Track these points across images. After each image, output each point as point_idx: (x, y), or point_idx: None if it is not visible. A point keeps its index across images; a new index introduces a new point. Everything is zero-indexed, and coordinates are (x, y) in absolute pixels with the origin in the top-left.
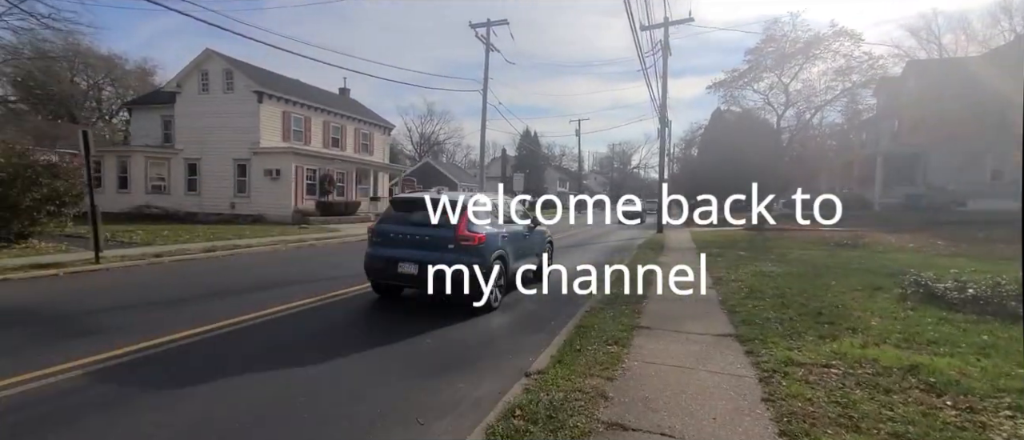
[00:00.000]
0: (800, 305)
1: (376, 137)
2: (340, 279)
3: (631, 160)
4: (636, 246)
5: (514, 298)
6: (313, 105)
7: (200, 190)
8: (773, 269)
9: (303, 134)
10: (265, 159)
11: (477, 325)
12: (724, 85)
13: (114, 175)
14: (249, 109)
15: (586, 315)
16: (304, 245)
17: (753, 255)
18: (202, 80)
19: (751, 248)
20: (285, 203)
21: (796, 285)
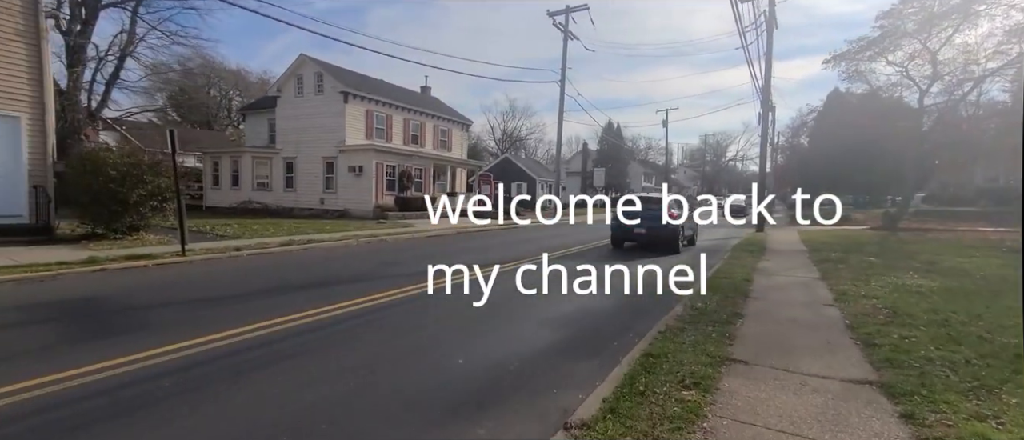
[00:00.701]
0: (979, 339)
1: (454, 133)
2: (391, 278)
3: (726, 152)
4: (730, 248)
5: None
6: (394, 103)
7: (296, 187)
8: (922, 283)
9: (384, 131)
10: (349, 156)
11: (559, 327)
12: (846, 58)
13: (228, 174)
14: (336, 109)
15: (660, 336)
16: (374, 240)
17: (887, 262)
18: (297, 84)
19: (883, 253)
20: (366, 199)
21: (965, 307)
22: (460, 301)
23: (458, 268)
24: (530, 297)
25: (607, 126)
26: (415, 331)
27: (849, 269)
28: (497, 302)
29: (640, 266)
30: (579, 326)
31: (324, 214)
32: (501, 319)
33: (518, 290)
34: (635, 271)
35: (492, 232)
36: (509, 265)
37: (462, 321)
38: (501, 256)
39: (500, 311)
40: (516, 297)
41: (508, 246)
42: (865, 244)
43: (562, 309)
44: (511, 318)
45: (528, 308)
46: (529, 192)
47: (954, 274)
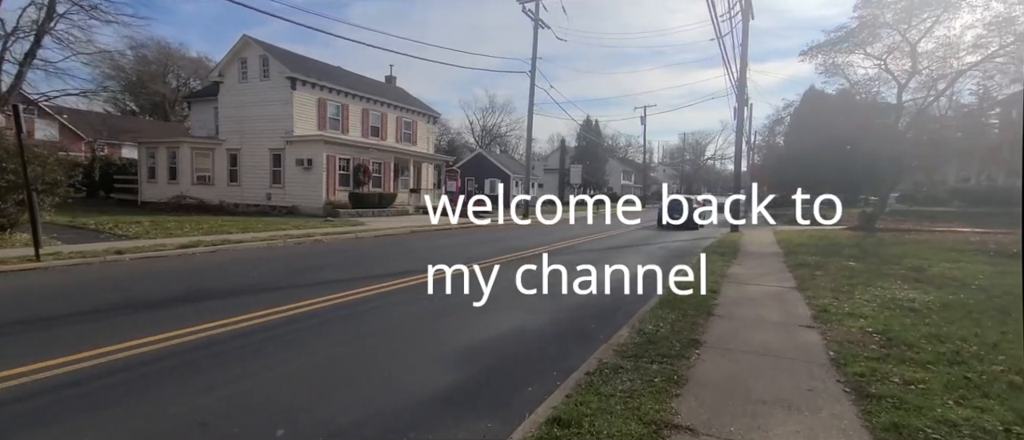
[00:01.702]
0: (1011, 389)
1: (420, 126)
2: (286, 291)
3: (705, 151)
4: (701, 249)
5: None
6: (351, 92)
7: (240, 181)
8: (914, 296)
9: (339, 122)
10: (298, 148)
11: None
12: (823, 50)
13: (165, 166)
14: (283, 96)
15: (587, 382)
16: (306, 242)
17: (870, 268)
18: (241, 68)
19: (863, 256)
20: (316, 194)
21: (972, 330)
22: (351, 325)
23: (390, 273)
24: (456, 316)
25: (585, 123)
26: (249, 377)
27: (828, 277)
28: (402, 326)
29: (607, 266)
30: (495, 359)
31: (271, 211)
32: (386, 355)
33: (445, 307)
34: (600, 275)
35: (453, 232)
36: (452, 270)
37: (328, 359)
38: (448, 259)
39: (396, 340)
40: (436, 318)
41: (463, 248)
42: (843, 246)
43: (486, 332)
44: (406, 352)
45: (442, 332)
46: (504, 189)
47: (947, 284)
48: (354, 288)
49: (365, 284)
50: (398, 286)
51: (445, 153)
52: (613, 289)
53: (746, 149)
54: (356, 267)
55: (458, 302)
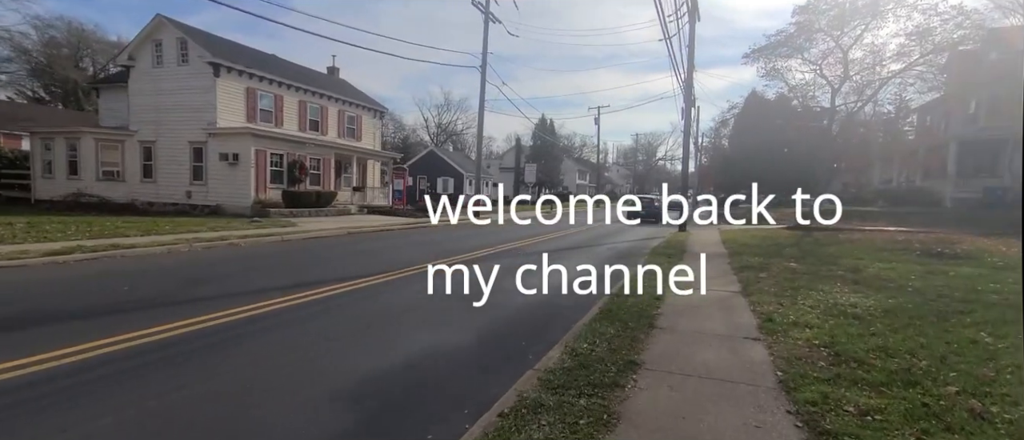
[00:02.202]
0: (972, 418)
1: (365, 121)
2: (161, 310)
3: (657, 152)
4: (648, 250)
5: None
6: (286, 82)
7: (156, 177)
8: (855, 300)
9: (273, 115)
10: (222, 142)
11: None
12: (764, 53)
13: (64, 160)
14: (204, 84)
15: (498, 427)
16: (217, 246)
17: (810, 270)
18: (155, 52)
19: (803, 256)
20: (243, 192)
21: (918, 341)
22: (222, 355)
23: (302, 283)
24: (365, 335)
25: (540, 122)
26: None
27: (772, 279)
28: (291, 351)
29: (550, 270)
30: (398, 392)
31: (191, 210)
32: (258, 395)
33: (355, 325)
34: (540, 280)
35: (395, 233)
36: (380, 278)
37: (161, 409)
38: (378, 266)
39: (275, 372)
40: (338, 340)
41: (398, 251)
42: (784, 246)
43: (394, 357)
44: (283, 389)
45: (342, 358)
46: (456, 188)
47: (885, 287)
48: (249, 304)
49: (264, 298)
50: (305, 299)
51: (399, 151)
52: (552, 295)
53: (694, 150)
54: (263, 277)
55: (372, 318)
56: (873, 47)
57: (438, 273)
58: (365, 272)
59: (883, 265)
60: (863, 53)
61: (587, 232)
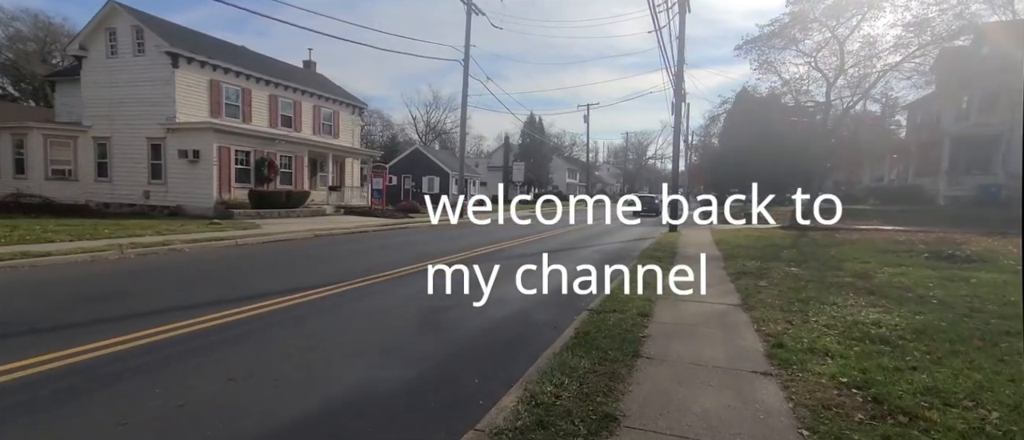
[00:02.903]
0: None
1: (343, 117)
2: (26, 338)
3: (647, 151)
4: (638, 253)
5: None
6: (255, 75)
7: (111, 176)
8: (878, 317)
9: (240, 109)
10: (181, 138)
11: None
12: (757, 44)
13: (9, 157)
14: (162, 75)
15: None
16: (157, 253)
17: (814, 275)
18: (109, 41)
19: (803, 259)
20: (205, 192)
21: (973, 377)
22: (75, 407)
23: (240, 297)
24: (288, 376)
25: (529, 120)
26: None
27: (774, 288)
28: (186, 397)
29: (525, 278)
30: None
31: (150, 211)
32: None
33: (275, 354)
34: (511, 291)
35: (367, 235)
36: (327, 290)
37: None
38: (337, 274)
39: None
40: (241, 379)
41: (363, 256)
42: (781, 248)
43: (310, 403)
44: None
45: (240, 404)
46: (442, 187)
47: (904, 298)
48: (137, 330)
49: (164, 321)
50: (222, 320)
51: (387, 150)
52: (525, 309)
53: (684, 148)
54: (184, 292)
55: (295, 347)
56: (870, 38)
57: (398, 282)
58: (310, 283)
59: (893, 270)
60: (859, 45)
61: (574, 233)
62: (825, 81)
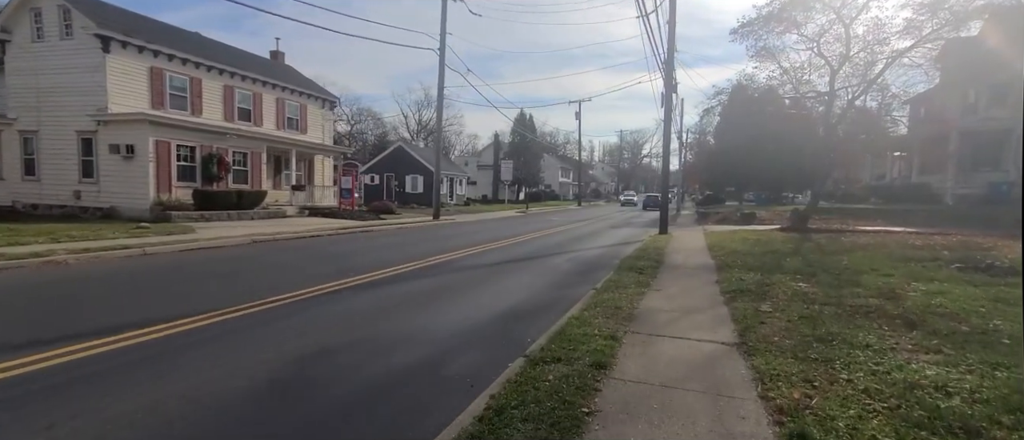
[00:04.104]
0: None
1: (312, 111)
2: None
3: (643, 149)
4: (618, 261)
5: None
6: (206, 63)
7: (39, 174)
8: (936, 371)
9: (189, 101)
10: (113, 131)
11: None
12: (755, 27)
13: None
14: (92, 61)
15: None
16: (24, 267)
17: (830, 294)
18: (34, 22)
19: (811, 270)
20: (140, 192)
21: None
22: None
23: (41, 341)
24: None
25: (519, 117)
26: None
27: (781, 315)
28: None
29: (468, 299)
30: None
31: (82, 213)
32: None
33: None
34: (444, 319)
35: (318, 240)
36: (196, 321)
37: None
38: (223, 298)
39: None
40: None
41: (283, 270)
42: (783, 254)
43: None
44: None
45: None
46: (426, 186)
47: (956, 332)
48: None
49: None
50: (62, 359)
51: (379, 149)
52: (442, 354)
53: (677, 146)
54: (80, 315)
55: (136, 403)
56: (877, 22)
57: (290, 311)
58: (164, 315)
59: (925, 286)
60: (865, 29)
61: (554, 235)
62: (829, 69)
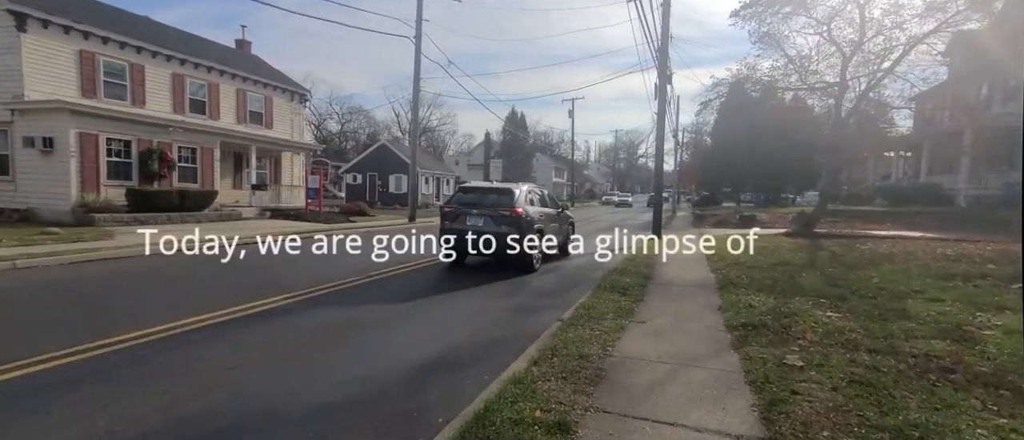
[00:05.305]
0: None
1: (279, 105)
2: None
3: (639, 149)
4: (600, 276)
5: None
6: (149, 48)
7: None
8: None
9: (129, 89)
10: (30, 121)
11: None
12: (757, 10)
13: None
14: (6, 42)
15: None
16: None
17: (877, 332)
18: None
19: (836, 291)
20: (60, 191)
21: None
22: None
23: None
24: None
25: (510, 116)
26: None
27: (818, 374)
28: None
29: (392, 339)
30: None
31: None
32: None
33: None
34: (344, 371)
35: (254, 247)
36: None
37: None
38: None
39: None
40: None
41: (180, 294)
42: (797, 267)
43: None
44: None
45: None
46: (411, 185)
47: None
48: None
49: None
50: None
51: (367, 147)
52: (333, 429)
53: (673, 145)
54: None
55: None
56: (896, 2)
57: (107, 362)
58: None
59: (997, 319)
60: (881, 11)
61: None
62: (840, 57)
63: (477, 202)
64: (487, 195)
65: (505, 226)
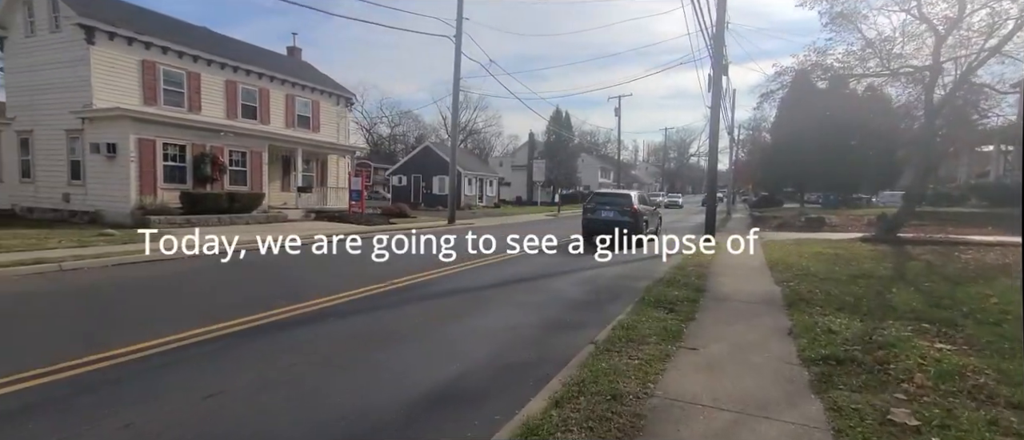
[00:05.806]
0: None
1: (326, 108)
2: None
3: (689, 148)
4: (644, 286)
5: None
6: (205, 56)
7: (34, 176)
8: None
9: (186, 96)
10: (97, 129)
11: None
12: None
13: None
14: (77, 54)
15: None
16: None
17: (1006, 368)
18: (27, 16)
19: (940, 311)
20: (122, 194)
21: None
22: None
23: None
24: None
25: (554, 115)
26: None
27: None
28: None
29: (400, 356)
30: None
31: (70, 217)
32: None
33: None
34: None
35: (289, 252)
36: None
37: None
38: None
39: None
40: None
41: (204, 297)
42: (881, 278)
43: None
44: None
45: None
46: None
47: None
48: None
49: None
50: None
51: (412, 148)
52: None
53: (728, 142)
54: None
55: None
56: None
57: (89, 381)
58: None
59: None
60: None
61: (544, 256)
62: (933, 35)
63: (608, 202)
64: (615, 198)
65: (627, 216)
